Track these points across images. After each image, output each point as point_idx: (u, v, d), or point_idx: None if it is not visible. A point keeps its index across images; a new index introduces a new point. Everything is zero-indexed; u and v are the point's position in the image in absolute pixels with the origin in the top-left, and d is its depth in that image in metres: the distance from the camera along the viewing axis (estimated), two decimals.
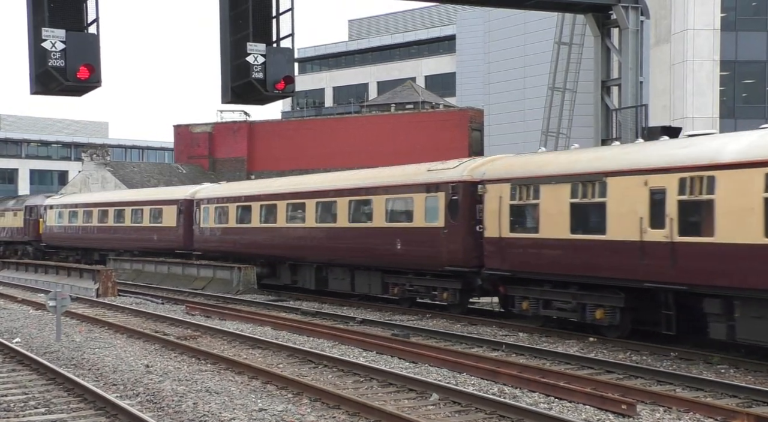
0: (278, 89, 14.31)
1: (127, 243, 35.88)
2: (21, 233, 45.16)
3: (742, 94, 37.58)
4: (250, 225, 27.52)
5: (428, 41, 79.10)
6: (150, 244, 33.81)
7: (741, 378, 12.27)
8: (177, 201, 32.39)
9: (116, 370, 13.06)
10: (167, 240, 32.74)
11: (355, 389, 11.59)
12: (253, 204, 27.45)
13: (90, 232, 38.89)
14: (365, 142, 55.32)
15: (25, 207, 44.95)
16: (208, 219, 30.02)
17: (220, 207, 29.47)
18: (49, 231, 42.40)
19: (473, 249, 18.46)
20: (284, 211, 25.58)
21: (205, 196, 30.88)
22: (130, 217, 35.80)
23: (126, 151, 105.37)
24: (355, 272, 22.65)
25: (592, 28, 24.39)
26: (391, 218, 21.10)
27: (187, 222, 31.52)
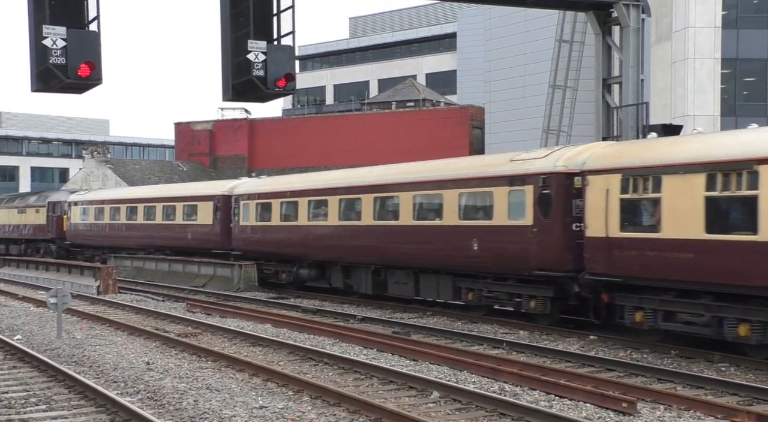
0: (279, 87, 14.30)
1: (157, 242, 33.43)
2: (43, 231, 42.75)
3: (743, 91, 37.57)
4: (296, 222, 25.11)
5: (429, 39, 79.06)
6: (183, 243, 31.43)
7: (742, 376, 12.27)
8: (213, 197, 29.78)
9: (117, 367, 13.07)
10: (202, 239, 30.30)
11: (356, 387, 11.60)
12: (299, 199, 25.05)
13: (118, 230, 36.57)
14: (366, 140, 55.32)
15: (48, 203, 42.51)
16: (249, 217, 27.45)
17: (262, 203, 26.98)
18: (74, 228, 40.06)
19: (568, 250, 16.00)
20: (336, 208, 23.23)
21: (245, 191, 28.29)
22: (161, 214, 33.24)
23: (127, 149, 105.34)
24: (420, 275, 20.38)
25: (593, 26, 24.34)
26: (465, 215, 18.72)
27: (225, 219, 29.00)
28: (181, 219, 31.77)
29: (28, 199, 46.25)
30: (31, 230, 44.21)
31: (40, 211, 43.34)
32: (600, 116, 24.03)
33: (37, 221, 43.45)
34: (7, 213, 47.51)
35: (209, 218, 29.91)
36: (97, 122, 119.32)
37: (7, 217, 47.40)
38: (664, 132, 16.27)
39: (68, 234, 40.60)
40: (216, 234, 29.50)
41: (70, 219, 40.33)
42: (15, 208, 46.29)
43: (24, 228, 45.13)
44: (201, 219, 30.53)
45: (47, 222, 42.38)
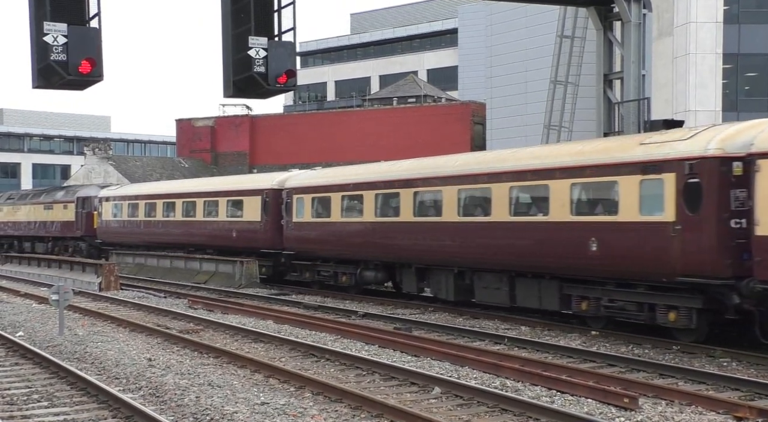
0: (280, 83, 14.29)
1: (198, 240, 30.83)
2: (72, 228, 39.98)
3: (744, 87, 37.51)
4: (360, 219, 22.47)
5: (430, 35, 78.99)
6: (227, 242, 28.80)
7: (743, 371, 12.26)
8: (261, 191, 27.03)
9: (119, 364, 13.09)
10: (249, 238, 27.62)
11: (357, 383, 11.61)
12: (365, 193, 22.25)
13: (153, 228, 33.91)
14: (367, 136, 55.30)
15: (77, 198, 39.83)
16: (303, 213, 24.88)
17: (320, 197, 24.24)
18: (105, 225, 37.46)
19: (725, 252, 13.30)
20: (410, 202, 20.47)
21: (298, 184, 25.57)
22: (202, 210, 30.62)
23: (128, 145, 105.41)
24: (516, 280, 17.69)
25: (594, 22, 24.29)
26: (578, 210, 15.98)
27: (275, 216, 26.25)
28: (225, 216, 29.10)
29: (55, 194, 43.40)
30: (59, 227, 41.37)
31: (68, 207, 40.62)
32: (601, 112, 24.00)
33: (65, 218, 40.73)
34: (32, 210, 44.84)
35: (257, 214, 27.15)
36: (99, 119, 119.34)
37: (32, 214, 44.73)
38: (665, 128, 16.24)
39: (99, 231, 38.07)
40: (265, 232, 26.77)
41: (101, 215, 37.77)
42: (41, 204, 43.57)
43: (51, 226, 42.24)
44: (247, 215, 27.75)
45: (76, 219, 39.77)
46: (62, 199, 41.63)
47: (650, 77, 35.48)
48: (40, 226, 43.52)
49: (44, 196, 44.37)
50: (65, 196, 41.60)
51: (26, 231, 45.30)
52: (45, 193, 45.07)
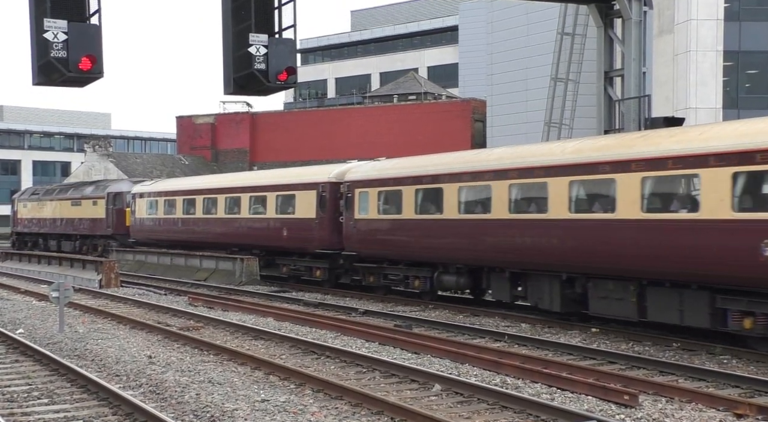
0: (280, 80, 14.29)
1: (243, 240, 28.39)
2: (102, 225, 37.57)
3: (745, 84, 37.49)
4: (439, 215, 19.52)
5: (431, 32, 78.95)
6: (276, 242, 26.20)
7: (743, 368, 12.27)
8: (317, 184, 24.37)
9: (119, 361, 13.10)
10: (302, 237, 24.86)
11: (358, 380, 11.61)
12: (445, 186, 19.35)
13: (193, 226, 31.29)
14: (368, 133, 55.31)
15: (108, 194, 37.48)
16: (367, 208, 21.97)
17: (388, 191, 21.49)
18: (139, 223, 34.88)
19: None
20: (504, 196, 17.57)
21: (362, 176, 22.67)
22: (247, 207, 27.97)
23: (128, 142, 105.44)
24: (647, 289, 14.77)
25: (595, 19, 24.27)
26: (741, 205, 12.96)
27: (332, 212, 23.69)
28: (274, 213, 26.36)
29: (84, 189, 40.81)
30: (88, 225, 38.92)
31: (98, 203, 38.10)
32: (602, 109, 23.99)
33: (94, 214, 38.32)
34: (58, 206, 42.35)
35: (311, 210, 24.40)
36: (99, 116, 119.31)
37: (59, 210, 42.17)
38: (665, 125, 16.23)
39: (132, 229, 35.52)
40: (320, 231, 24.00)
41: (134, 212, 35.31)
42: (68, 200, 41.14)
43: (79, 223, 39.72)
44: (300, 212, 24.99)
45: (107, 216, 37.37)
46: (91, 194, 39.16)
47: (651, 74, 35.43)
48: (67, 224, 41.12)
49: (72, 191, 41.97)
50: (95, 192, 39.11)
51: (52, 229, 42.96)
52: (72, 189, 42.55)
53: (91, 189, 40.00)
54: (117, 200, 37.13)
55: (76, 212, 40.22)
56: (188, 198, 31.78)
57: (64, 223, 41.62)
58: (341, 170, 24.18)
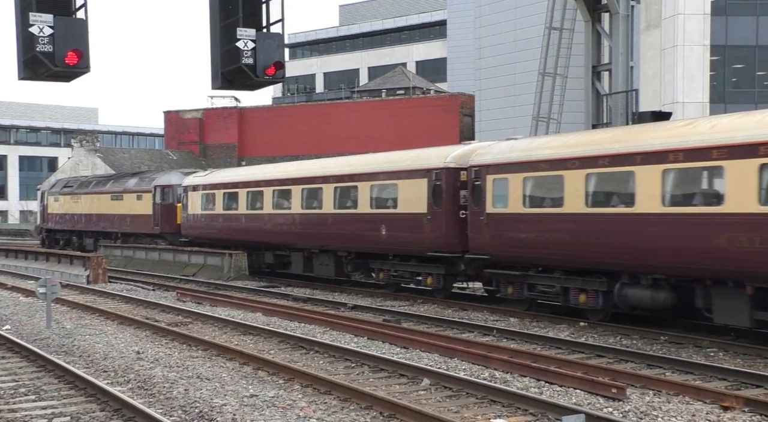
0: (268, 75, 14.22)
1: (326, 241, 23.45)
2: (148, 223, 33.37)
3: (732, 78, 37.69)
4: (631, 209, 14.58)
5: (419, 26, 78.93)
6: (372, 243, 21.46)
7: (730, 361, 12.34)
8: (428, 171, 19.52)
9: (107, 357, 13.05)
10: (407, 237, 20.24)
11: (347, 375, 11.61)
12: (638, 169, 14.35)
13: (261, 223, 26.40)
14: (356, 127, 55.30)
15: (155, 187, 33.19)
16: (506, 200, 17.33)
17: (538, 177, 16.75)
18: (192, 220, 30.36)
19: None
20: (753, 180, 12.47)
21: (497, 158, 17.78)
22: (332, 200, 23.08)
23: (116, 137, 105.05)
24: None
25: (583, 13, 24.36)
26: None
27: (449, 205, 19.03)
28: (368, 207, 21.61)
29: (126, 181, 36.37)
30: (131, 222, 34.69)
31: (143, 197, 33.86)
32: (590, 103, 24.08)
33: (138, 210, 34.11)
34: (96, 200, 37.83)
35: (420, 204, 19.77)
36: (86, 110, 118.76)
37: (96, 205, 37.75)
38: (652, 119, 16.26)
39: (184, 227, 30.99)
40: (434, 228, 19.36)
41: (186, 208, 30.81)
42: (107, 194, 36.84)
43: (120, 220, 35.52)
44: (405, 205, 20.37)
45: (154, 213, 33.14)
46: (135, 187, 34.83)
47: (638, 69, 35.57)
48: (106, 220, 36.75)
49: (111, 183, 37.57)
50: (139, 185, 34.76)
51: (87, 226, 38.59)
52: (112, 181, 38.11)
53: (135, 181, 35.49)
54: (166, 194, 32.79)
55: (116, 207, 35.81)
56: (254, 190, 26.99)
57: (102, 220, 37.16)
58: (462, 152, 19.34)
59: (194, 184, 30.74)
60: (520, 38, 48.60)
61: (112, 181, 38.09)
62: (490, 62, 51.33)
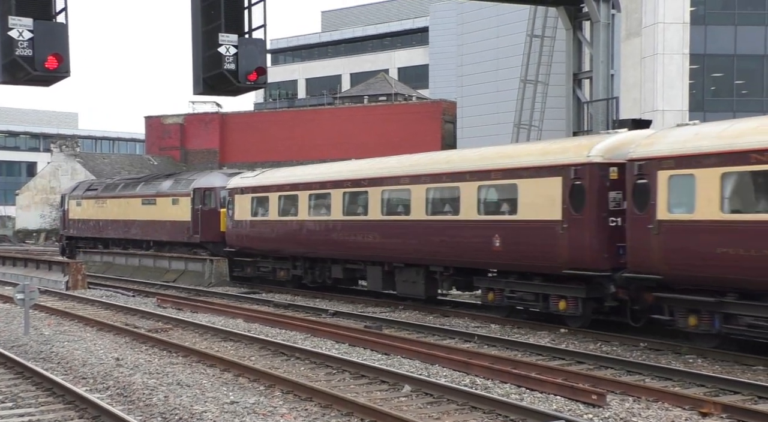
0: (250, 80, 14.22)
1: (415, 253, 19.18)
2: (185, 230, 29.40)
3: (711, 87, 38.08)
4: None
5: (401, 33, 79.12)
6: (480, 257, 17.33)
7: (708, 367, 12.43)
8: (564, 168, 15.47)
9: (86, 364, 12.94)
10: (533, 251, 16.05)
11: (328, 381, 11.59)
12: None
13: (327, 231, 22.03)
14: (338, 133, 55.31)
15: (195, 190, 29.30)
16: (692, 204, 13.37)
17: (755, 173, 12.57)
18: (239, 228, 25.92)
19: None
20: None
21: (671, 149, 13.82)
22: (423, 204, 18.87)
23: (96, 142, 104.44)
24: None
25: (564, 21, 24.51)
26: None
27: (594, 210, 15.10)
28: (475, 213, 17.47)
29: (159, 184, 32.45)
30: (165, 229, 30.85)
31: (180, 201, 29.91)
32: (571, 111, 24.22)
33: (174, 216, 30.26)
34: (124, 205, 34.05)
35: (552, 209, 15.67)
36: (66, 115, 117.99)
37: (124, 210, 33.98)
38: (633, 127, 16.38)
39: (229, 236, 26.53)
40: (573, 239, 15.30)
41: (232, 214, 26.37)
42: (138, 198, 33.06)
43: (152, 227, 31.66)
44: (528, 210, 16.24)
45: (193, 219, 29.11)
46: (171, 190, 31.05)
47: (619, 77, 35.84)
48: (136, 227, 32.96)
49: (142, 186, 33.59)
50: (175, 187, 30.93)
51: (115, 233, 34.85)
52: (143, 183, 34.04)
53: (170, 183, 31.57)
54: (207, 198, 28.81)
55: (148, 213, 32.00)
56: (318, 193, 22.77)
57: (131, 227, 33.36)
58: (611, 143, 15.45)
59: (242, 186, 26.24)
60: (502, 45, 48.85)
61: (143, 182, 33.96)
62: (472, 69, 51.55)
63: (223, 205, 27.68)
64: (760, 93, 37.84)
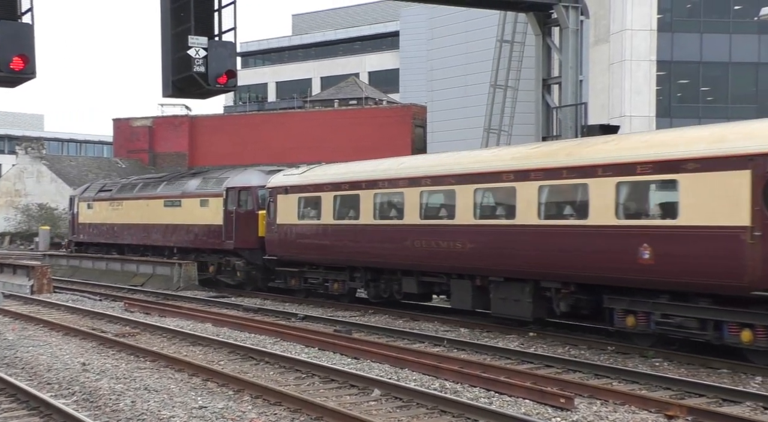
0: (220, 83, 14.17)
1: (518, 264, 15.82)
2: (216, 236, 25.67)
3: (677, 93, 38.60)
4: None
5: (372, 37, 79.22)
6: (621, 272, 13.93)
7: (674, 370, 12.57)
8: (750, 158, 12.15)
9: (51, 369, 12.77)
10: (705, 270, 12.70)
11: (297, 385, 11.55)
12: None
13: (396, 238, 18.68)
14: (308, 137, 55.22)
15: (228, 190, 25.47)
16: None
17: None
18: (283, 233, 22.66)
19: None
20: None
21: None
22: (534, 205, 15.36)
23: (63, 145, 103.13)
24: None
25: (534, 27, 24.69)
26: None
27: None
28: (612, 216, 14.03)
29: (185, 183, 28.52)
30: (192, 234, 27.16)
31: (210, 202, 26.25)
32: (540, 116, 24.38)
33: (203, 219, 26.52)
34: (144, 207, 30.20)
35: (732, 211, 12.35)
36: (31, 117, 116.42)
37: (145, 213, 30.12)
38: (601, 132, 16.56)
39: (270, 243, 23.19)
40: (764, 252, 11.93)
41: (273, 217, 23.08)
42: (159, 199, 29.30)
43: (177, 232, 28.07)
44: (695, 213, 12.87)
45: (226, 223, 25.32)
46: (199, 190, 27.23)
47: (587, 83, 36.21)
48: (157, 232, 29.31)
49: (164, 186, 29.75)
50: (204, 187, 27.10)
51: (132, 239, 31.11)
52: (165, 182, 30.09)
53: (197, 182, 27.68)
54: (243, 198, 25.11)
55: (172, 216, 28.36)
56: (386, 192, 19.42)
57: (151, 231, 29.75)
58: None
59: (287, 185, 22.81)
60: (472, 50, 49.12)
61: (165, 182, 30.04)
62: (443, 74, 51.77)
63: (262, 206, 24.32)
64: (725, 100, 38.46)
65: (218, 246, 25.90)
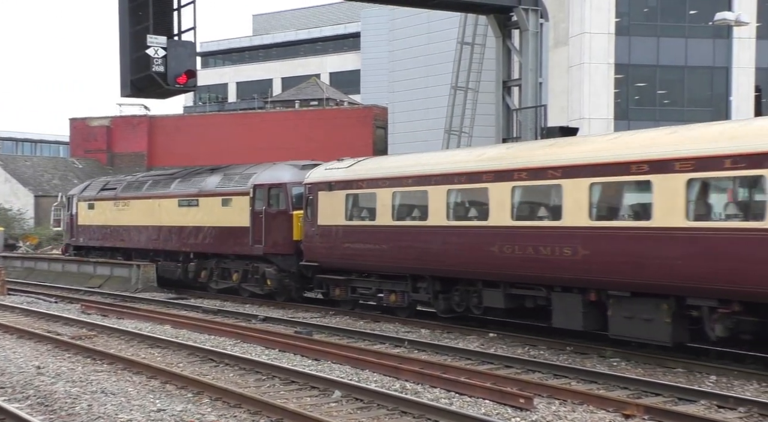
0: (180, 83, 14.06)
1: (656, 277, 12.59)
2: (243, 239, 22.40)
3: (634, 96, 39.17)
4: None
5: (333, 38, 79.15)
6: None
7: (632, 370, 12.74)
8: None
9: (4, 372, 12.52)
10: None
11: (257, 387, 11.48)
12: None
13: (479, 243, 15.70)
14: (269, 138, 54.94)
15: (255, 187, 22.20)
16: None
17: None
18: (325, 237, 19.73)
19: None
20: None
21: None
22: (684, 203, 12.11)
23: (17, 144, 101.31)
24: None
25: (494, 29, 24.83)
26: None
27: None
28: None
29: (202, 180, 24.87)
30: (213, 238, 23.74)
31: (233, 202, 22.91)
32: (500, 118, 24.53)
33: (226, 221, 23.11)
34: (154, 207, 26.60)
35: None
36: None
37: (157, 213, 26.43)
38: (561, 134, 16.71)
39: (309, 247, 20.31)
40: None
41: (313, 217, 20.04)
42: (172, 198, 25.71)
43: (194, 235, 24.52)
44: None
45: (253, 224, 22.05)
46: (220, 188, 23.76)
47: (547, 85, 36.61)
48: (171, 235, 25.74)
49: (178, 183, 25.99)
50: (226, 184, 23.67)
51: (140, 243, 27.46)
52: (179, 179, 26.27)
53: (218, 179, 24.16)
54: (273, 196, 21.95)
55: (188, 217, 24.87)
56: (466, 188, 16.33)
57: (164, 234, 26.11)
58: None
59: (330, 180, 19.65)
60: (433, 52, 49.34)
61: (179, 179, 26.23)
62: (403, 75, 51.90)
63: (296, 205, 21.25)
64: (681, 103, 39.13)
65: (244, 252, 22.48)
